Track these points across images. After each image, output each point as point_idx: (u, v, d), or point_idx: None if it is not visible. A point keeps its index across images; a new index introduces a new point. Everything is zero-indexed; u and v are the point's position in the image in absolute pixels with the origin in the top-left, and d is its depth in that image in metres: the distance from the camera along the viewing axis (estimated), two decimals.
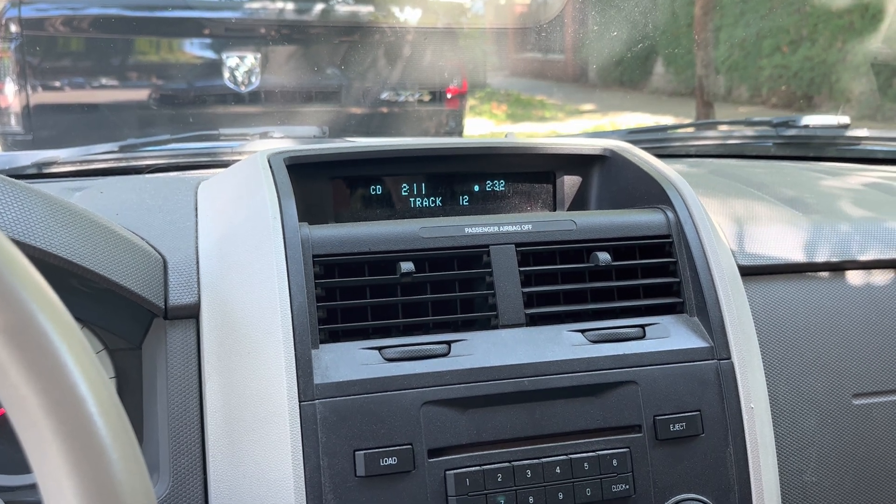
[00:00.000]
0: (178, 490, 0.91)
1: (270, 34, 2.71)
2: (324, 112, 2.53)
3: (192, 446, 0.92)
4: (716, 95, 4.46)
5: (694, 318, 1.03)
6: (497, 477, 0.90)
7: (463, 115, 3.17)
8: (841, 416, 1.13)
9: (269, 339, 0.89)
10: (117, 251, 0.91)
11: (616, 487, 0.93)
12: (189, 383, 0.94)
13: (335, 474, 0.86)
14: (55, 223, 0.85)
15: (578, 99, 6.30)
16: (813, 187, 1.48)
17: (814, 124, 1.80)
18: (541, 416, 0.93)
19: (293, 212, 0.95)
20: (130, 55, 2.69)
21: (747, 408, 0.99)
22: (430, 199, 1.17)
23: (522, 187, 1.20)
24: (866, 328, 1.17)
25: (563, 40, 3.04)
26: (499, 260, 0.99)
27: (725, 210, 1.22)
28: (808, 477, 1.10)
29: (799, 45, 6.68)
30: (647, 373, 0.97)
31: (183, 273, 0.97)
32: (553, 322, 1.00)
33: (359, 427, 0.88)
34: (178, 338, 0.95)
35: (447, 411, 0.90)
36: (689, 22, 4.57)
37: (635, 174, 1.14)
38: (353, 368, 0.90)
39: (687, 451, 0.97)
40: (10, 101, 2.56)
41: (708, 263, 1.03)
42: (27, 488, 0.92)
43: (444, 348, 0.94)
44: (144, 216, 1.06)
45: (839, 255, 1.19)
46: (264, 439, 0.88)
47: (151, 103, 2.59)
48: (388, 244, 0.96)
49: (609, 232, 1.04)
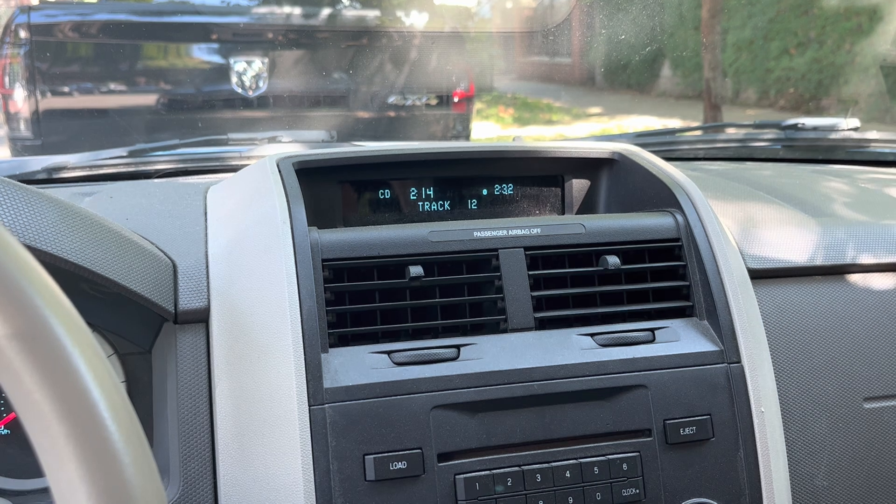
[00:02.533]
0: (188, 494, 0.91)
1: (278, 39, 2.72)
2: (331, 116, 2.53)
3: (202, 450, 0.93)
4: (723, 98, 4.45)
5: (704, 321, 1.03)
6: (507, 481, 0.90)
7: (470, 118, 3.17)
8: (852, 420, 1.12)
9: (279, 343, 0.89)
10: (127, 256, 0.91)
11: (626, 492, 0.93)
12: (199, 387, 0.94)
13: (345, 478, 0.86)
14: (66, 228, 0.85)
15: (585, 102, 6.29)
16: (822, 190, 1.47)
17: (823, 127, 1.79)
18: (550, 420, 0.93)
19: (302, 216, 0.96)
20: (139, 60, 2.70)
21: (758, 412, 0.98)
22: (438, 202, 1.17)
23: (531, 191, 1.20)
24: (877, 331, 1.16)
25: (570, 44, 3.03)
26: (508, 263, 0.99)
27: (734, 213, 1.21)
28: (819, 481, 1.09)
29: (807, 47, 6.67)
30: (657, 377, 0.96)
31: (193, 277, 0.97)
32: (562, 326, 0.99)
33: (368, 431, 0.88)
34: (188, 342, 0.95)
35: (457, 415, 0.90)
36: (696, 25, 4.56)
37: (644, 177, 1.14)
38: (362, 372, 0.90)
39: (697, 456, 0.96)
40: (20, 107, 2.57)
41: (717, 267, 1.03)
42: (37, 492, 0.92)
43: (453, 352, 0.94)
44: (154, 221, 1.06)
45: (849, 258, 1.18)
46: (274, 443, 0.88)
47: (160, 108, 2.60)
48: (397, 248, 0.96)
49: (618, 235, 1.04)
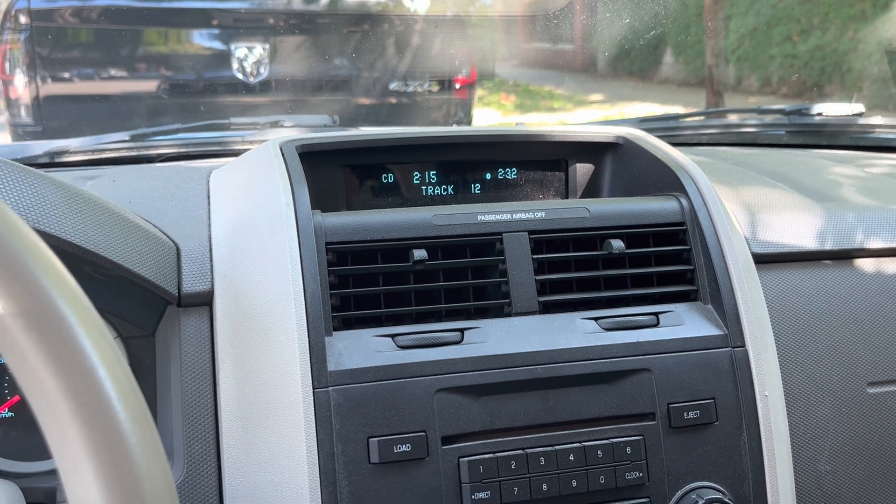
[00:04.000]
0: (192, 476, 0.91)
1: (279, 24, 2.70)
2: (333, 102, 2.52)
3: (207, 433, 0.93)
4: (726, 85, 4.43)
5: (708, 305, 1.02)
6: (511, 464, 0.90)
7: (472, 105, 3.15)
8: (855, 404, 1.12)
9: (283, 327, 0.89)
10: (131, 239, 0.91)
11: (630, 475, 0.93)
12: (203, 371, 0.94)
13: (349, 461, 0.86)
14: (69, 210, 0.85)
15: (587, 89, 6.26)
16: (826, 175, 1.47)
17: (827, 112, 1.79)
18: (554, 404, 0.93)
19: (306, 199, 0.95)
20: (139, 46, 2.69)
21: (761, 396, 0.98)
22: (441, 187, 1.17)
23: (535, 175, 1.20)
24: (881, 316, 1.16)
25: (573, 30, 3.02)
26: (512, 247, 0.98)
27: (739, 198, 1.21)
28: (822, 466, 1.10)
29: (809, 34, 6.63)
30: (660, 360, 0.96)
31: (196, 261, 0.97)
32: (566, 309, 0.99)
33: (372, 414, 0.88)
34: (192, 325, 0.95)
35: (461, 398, 0.90)
36: (698, 11, 4.53)
37: (648, 162, 1.13)
38: (366, 356, 0.90)
39: (701, 440, 0.96)
40: (21, 93, 2.56)
41: (722, 251, 1.03)
42: (44, 475, 0.92)
43: (457, 336, 0.94)
44: (157, 204, 1.06)
45: (853, 243, 1.18)
46: (278, 426, 0.88)
47: (161, 94, 2.59)
48: (400, 231, 0.96)
49: (623, 219, 1.03)
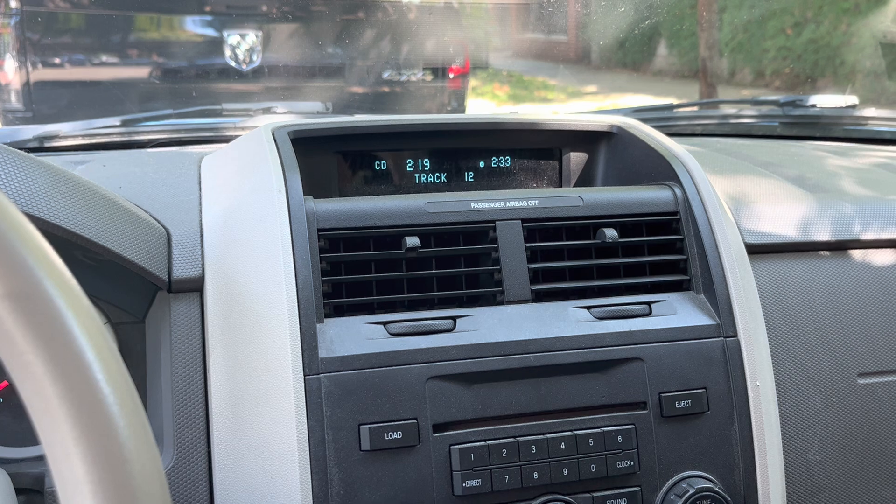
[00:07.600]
0: (182, 462, 0.91)
1: (272, 11, 2.68)
2: (326, 89, 2.51)
3: (196, 419, 0.92)
4: (719, 77, 4.43)
5: (700, 295, 1.02)
6: (502, 452, 0.90)
7: (465, 95, 3.14)
8: (846, 395, 1.13)
9: (274, 313, 0.89)
10: (121, 223, 0.90)
11: (621, 464, 0.93)
12: (193, 357, 0.94)
13: (340, 448, 0.86)
14: (58, 194, 0.84)
15: (581, 80, 6.25)
16: (820, 166, 1.47)
17: (821, 104, 1.79)
18: (546, 392, 0.93)
19: (298, 185, 0.95)
20: (131, 31, 2.66)
21: (753, 386, 0.98)
22: (435, 174, 1.16)
23: (528, 164, 1.19)
24: (872, 307, 1.16)
25: (567, 21, 3.01)
26: (505, 235, 0.98)
27: (732, 188, 1.21)
28: (812, 455, 1.10)
29: (803, 27, 6.64)
30: (652, 350, 0.96)
31: (187, 246, 0.97)
32: (559, 298, 0.99)
33: (364, 401, 0.87)
34: (182, 311, 0.95)
35: (452, 386, 0.90)
36: (693, 3, 4.53)
37: (642, 151, 1.13)
38: (357, 343, 0.89)
39: (692, 429, 0.96)
40: (10, 78, 2.53)
41: (715, 241, 1.03)
42: (31, 460, 0.92)
43: (449, 324, 0.93)
44: (148, 189, 1.05)
45: (846, 234, 1.18)
46: (269, 413, 0.88)
47: (153, 79, 2.57)
48: (393, 219, 0.95)
49: (616, 208, 1.03)
